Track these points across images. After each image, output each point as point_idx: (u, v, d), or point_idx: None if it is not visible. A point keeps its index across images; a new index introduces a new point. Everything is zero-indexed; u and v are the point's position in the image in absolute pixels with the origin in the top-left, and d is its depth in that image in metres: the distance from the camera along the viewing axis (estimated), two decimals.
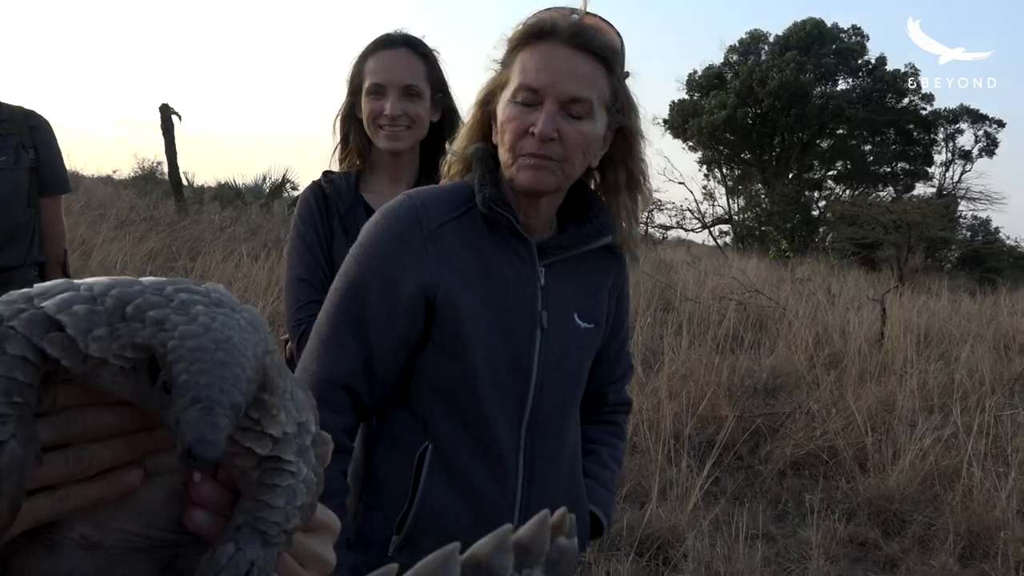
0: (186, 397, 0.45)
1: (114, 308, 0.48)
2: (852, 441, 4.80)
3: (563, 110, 1.24)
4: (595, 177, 1.44)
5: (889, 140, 25.74)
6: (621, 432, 1.54)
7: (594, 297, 1.42)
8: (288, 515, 0.52)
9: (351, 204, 1.87)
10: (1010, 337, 8.63)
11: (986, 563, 3.72)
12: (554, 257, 1.34)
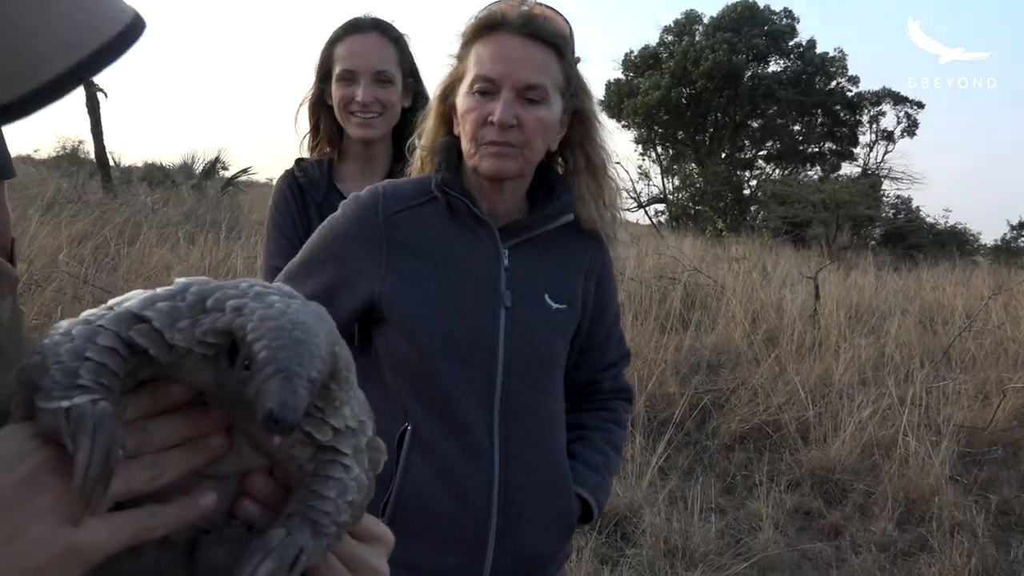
0: (267, 369, 0.48)
1: (195, 302, 0.52)
2: (794, 415, 4.98)
3: (519, 97, 1.30)
4: (558, 162, 1.49)
5: (817, 121, 26.48)
6: (618, 418, 1.55)
7: (566, 277, 1.44)
8: (339, 508, 0.54)
9: (326, 192, 1.84)
10: (933, 311, 9.02)
11: (923, 527, 3.91)
12: (516, 239, 1.39)
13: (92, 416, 0.47)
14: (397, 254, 1.34)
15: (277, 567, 0.51)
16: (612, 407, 1.56)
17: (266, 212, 1.93)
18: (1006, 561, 3.68)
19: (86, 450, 0.46)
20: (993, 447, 4.90)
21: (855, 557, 3.64)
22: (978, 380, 5.83)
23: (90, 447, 0.46)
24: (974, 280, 11.70)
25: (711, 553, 3.38)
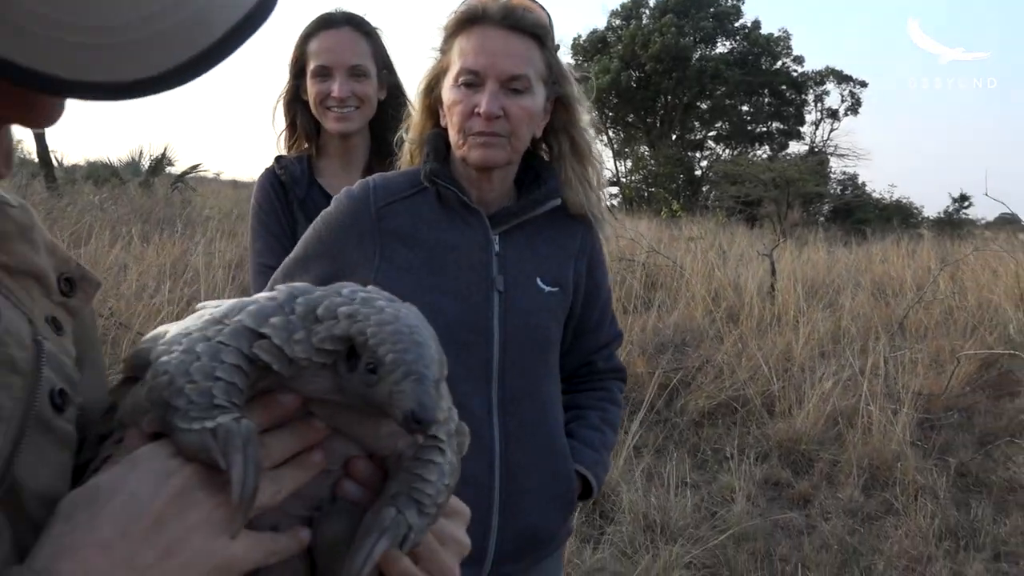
0: (397, 372, 0.52)
1: (305, 313, 0.55)
2: (759, 389, 5.09)
3: (504, 88, 1.33)
4: (543, 148, 1.52)
5: (764, 101, 26.88)
6: (613, 398, 1.58)
7: (556, 261, 1.48)
8: (439, 490, 0.59)
9: (307, 188, 1.84)
10: (884, 283, 9.29)
11: (887, 491, 4.05)
12: (506, 224, 1.42)
13: (239, 434, 0.50)
14: (390, 245, 1.37)
15: (390, 544, 0.55)
16: (607, 387, 1.59)
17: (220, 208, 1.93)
18: (967, 520, 3.83)
19: (240, 465, 0.50)
20: (949, 412, 5.08)
21: (824, 524, 3.75)
22: (931, 349, 6.03)
23: (243, 462, 0.50)
24: (920, 252, 12.05)
25: (689, 526, 3.45)
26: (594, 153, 1.52)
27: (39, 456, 0.51)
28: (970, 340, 6.26)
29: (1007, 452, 4.58)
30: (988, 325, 6.81)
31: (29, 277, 0.57)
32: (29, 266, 0.57)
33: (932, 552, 3.49)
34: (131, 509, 0.48)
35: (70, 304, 0.61)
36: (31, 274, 0.58)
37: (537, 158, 1.50)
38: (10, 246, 0.56)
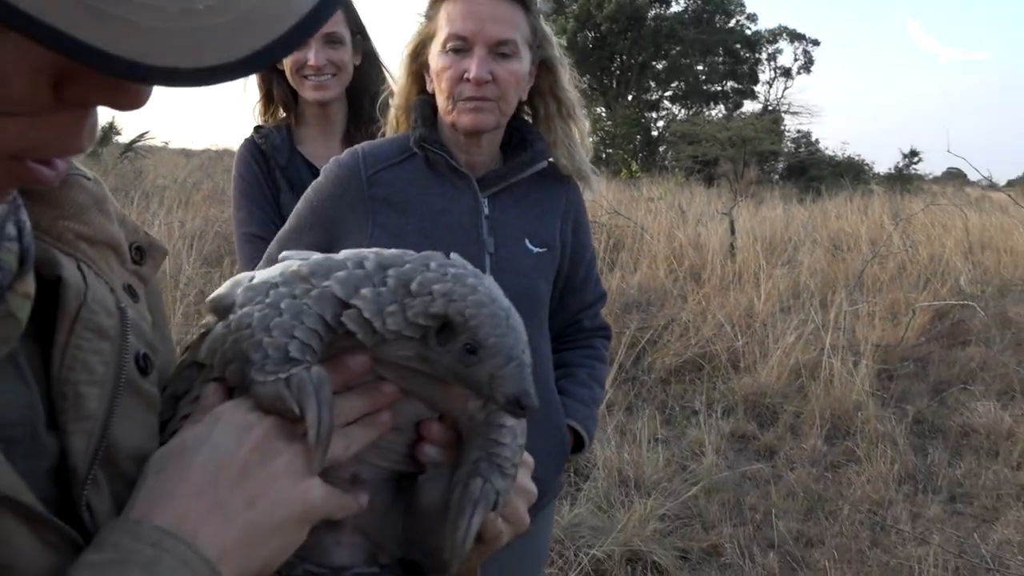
0: (499, 357, 0.55)
1: (397, 287, 0.56)
2: (724, 346, 5.20)
3: (492, 53, 1.35)
4: (527, 111, 1.55)
5: (718, 60, 26.97)
6: (600, 355, 1.63)
7: (544, 222, 1.50)
8: (514, 451, 0.62)
9: (288, 156, 1.84)
10: (839, 239, 9.49)
11: (849, 440, 4.19)
12: (495, 187, 1.45)
13: (311, 381, 0.53)
14: (382, 211, 1.38)
15: (485, 514, 0.59)
16: (593, 344, 1.63)
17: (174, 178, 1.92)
18: (924, 465, 3.99)
19: (314, 408, 0.52)
20: (905, 362, 5.25)
21: (790, 473, 3.88)
22: (887, 302, 6.20)
23: (316, 405, 0.52)
24: (872, 208, 12.32)
25: (662, 480, 3.55)
26: (578, 113, 1.54)
27: (131, 417, 0.54)
28: (923, 292, 6.46)
29: (960, 399, 4.77)
30: (940, 277, 7.03)
31: (107, 247, 0.59)
32: (106, 236, 0.59)
33: (892, 496, 3.64)
34: (217, 459, 0.51)
35: (141, 272, 0.63)
36: (108, 244, 0.59)
37: (521, 121, 1.52)
38: (88, 217, 0.58)
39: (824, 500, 3.59)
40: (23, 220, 0.51)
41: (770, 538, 3.29)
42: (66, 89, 0.39)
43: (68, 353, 0.51)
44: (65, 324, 0.52)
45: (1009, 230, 9.43)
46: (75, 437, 0.49)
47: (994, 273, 7.87)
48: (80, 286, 0.53)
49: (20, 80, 0.37)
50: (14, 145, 0.39)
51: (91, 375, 0.51)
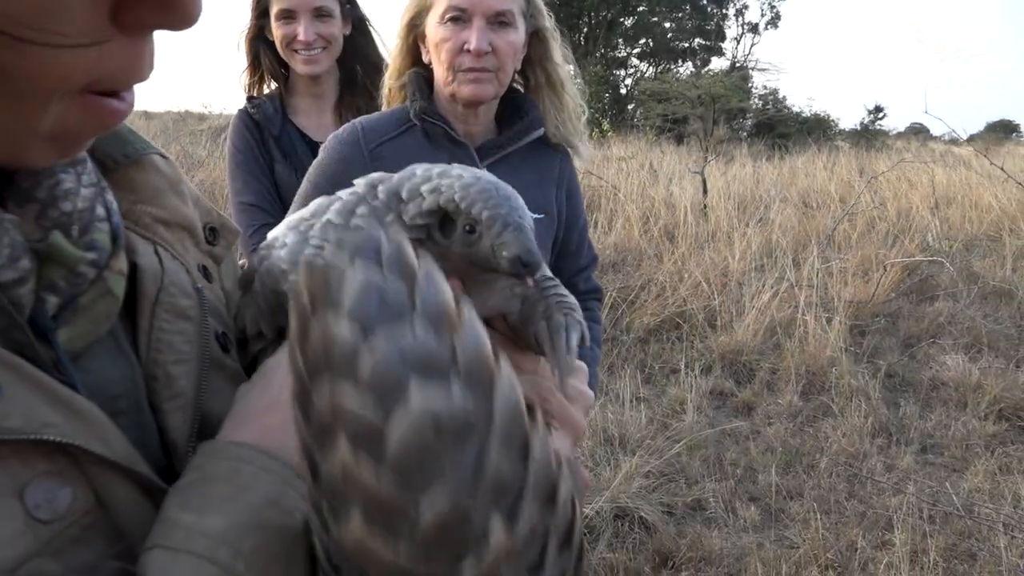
0: (495, 226, 0.55)
1: (389, 198, 0.58)
2: (701, 305, 5.27)
3: (490, 24, 1.37)
4: (518, 80, 1.56)
5: (686, 16, 26.84)
6: (595, 316, 1.67)
7: (540, 189, 1.54)
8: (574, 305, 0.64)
9: (281, 126, 1.83)
10: (809, 196, 9.61)
11: (824, 395, 4.30)
12: (493, 157, 1.47)
13: None
14: None
15: (580, 334, 0.61)
16: (589, 306, 1.67)
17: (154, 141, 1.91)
18: (896, 418, 4.11)
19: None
20: (876, 318, 5.37)
21: (768, 428, 3.97)
22: (857, 259, 6.31)
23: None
24: (839, 164, 12.46)
25: (646, 439, 3.62)
26: (569, 84, 1.57)
27: (219, 391, 0.56)
28: (893, 249, 6.58)
29: (929, 353, 4.90)
30: (909, 233, 7.16)
31: (182, 229, 0.61)
32: (181, 218, 0.60)
33: (867, 449, 3.75)
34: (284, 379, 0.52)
35: (215, 252, 0.64)
36: (183, 226, 0.61)
37: (515, 91, 1.54)
38: (164, 200, 0.59)
39: (802, 454, 3.69)
40: (110, 201, 0.52)
41: (751, 492, 3.38)
42: (123, 15, 0.40)
43: (153, 336, 0.53)
44: (146, 308, 0.53)
45: (974, 185, 9.60)
46: (171, 415, 0.52)
47: (960, 228, 8.03)
48: (156, 270, 0.55)
49: (81, 9, 0.38)
50: (83, 78, 0.40)
51: (177, 355, 0.53)
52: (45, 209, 0.48)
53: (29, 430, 0.41)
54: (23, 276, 0.45)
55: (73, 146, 0.45)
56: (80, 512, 0.43)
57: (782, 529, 3.11)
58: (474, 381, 0.35)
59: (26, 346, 0.45)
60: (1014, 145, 25.77)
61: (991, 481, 3.43)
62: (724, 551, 2.92)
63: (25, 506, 0.41)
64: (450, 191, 0.56)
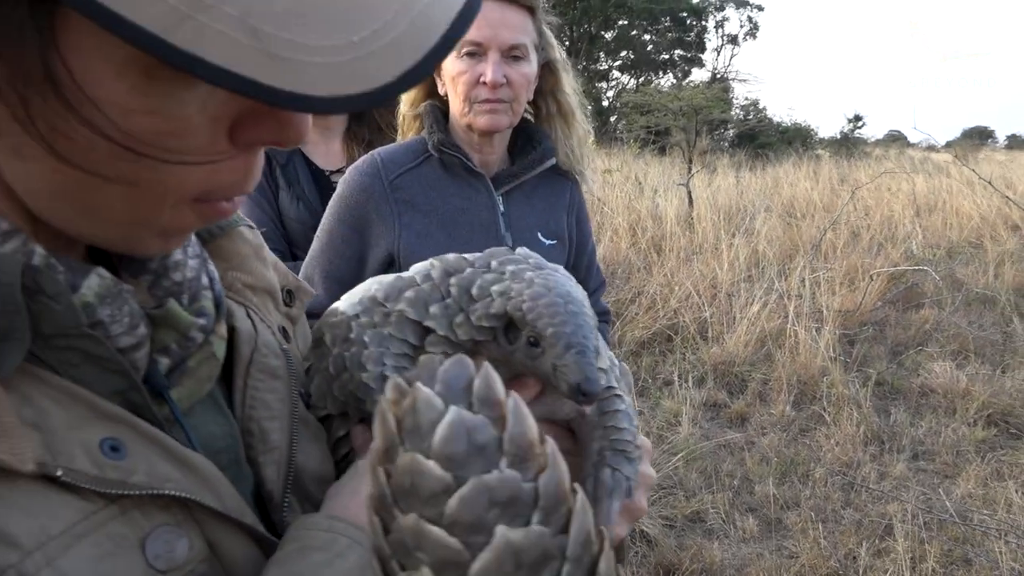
0: (559, 346, 0.55)
1: (460, 294, 0.59)
2: (692, 316, 5.32)
3: (504, 57, 1.42)
4: (529, 110, 1.62)
5: (666, 28, 27.09)
6: (604, 337, 1.70)
7: (553, 216, 1.59)
8: (633, 434, 0.64)
9: (289, 155, 1.85)
10: (793, 205, 9.72)
11: (815, 404, 4.35)
12: (508, 185, 1.52)
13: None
14: (407, 213, 1.44)
15: (621, 503, 0.61)
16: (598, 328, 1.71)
17: None
18: (887, 425, 4.17)
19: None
20: (864, 327, 5.44)
21: (762, 439, 4.02)
22: (844, 268, 6.39)
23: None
24: (821, 173, 12.60)
25: None
26: (579, 115, 1.62)
27: (307, 446, 0.59)
28: (878, 257, 6.67)
29: (916, 360, 4.98)
30: (893, 241, 7.26)
31: (266, 293, 0.64)
32: (265, 283, 0.64)
33: (860, 457, 3.80)
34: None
35: (292, 313, 0.68)
36: (267, 290, 0.64)
37: (526, 121, 1.59)
38: (250, 266, 0.63)
39: (797, 464, 3.74)
40: (211, 270, 0.56)
41: (749, 503, 3.42)
42: (239, 134, 0.43)
43: (247, 394, 0.56)
44: (241, 368, 0.57)
45: (954, 193, 9.75)
46: (266, 467, 0.55)
47: (942, 236, 8.15)
48: (251, 333, 0.58)
49: (202, 130, 0.41)
50: (197, 190, 0.44)
51: (270, 411, 0.57)
52: (158, 279, 0.52)
53: (152, 485, 0.45)
54: (140, 341, 0.49)
55: (181, 239, 0.50)
56: (196, 561, 0.47)
57: (781, 539, 3.15)
58: (553, 516, 0.38)
59: (142, 407, 0.48)
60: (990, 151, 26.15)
61: (983, 487, 3.49)
62: (725, 562, 2.95)
63: (146, 557, 0.44)
64: (519, 299, 0.57)
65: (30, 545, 0.40)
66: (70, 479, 0.42)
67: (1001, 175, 10.83)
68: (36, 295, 0.43)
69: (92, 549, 0.42)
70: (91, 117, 0.38)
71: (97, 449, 0.43)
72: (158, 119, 0.39)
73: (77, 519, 0.42)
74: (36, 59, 0.36)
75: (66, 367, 0.45)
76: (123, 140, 0.39)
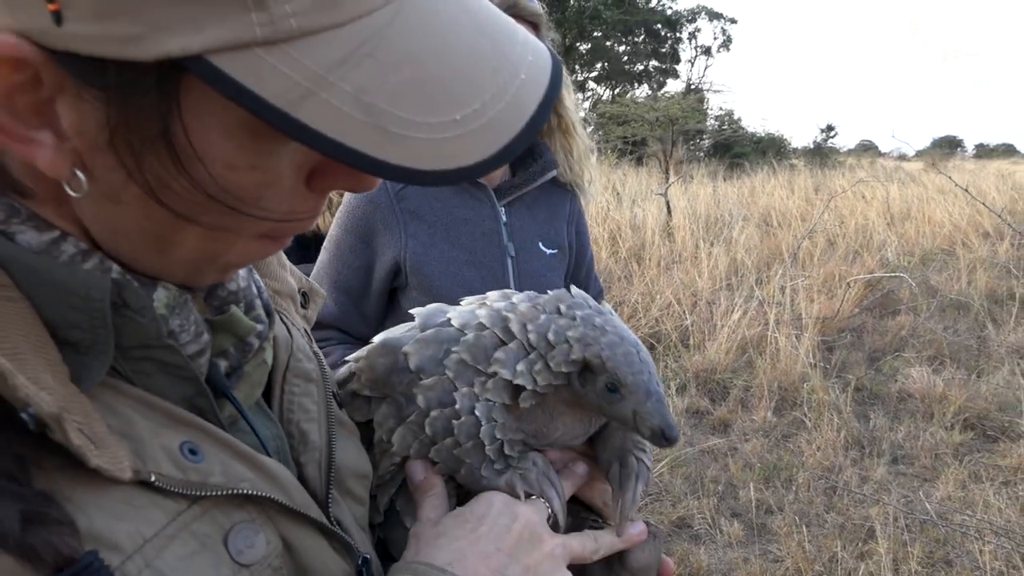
0: (639, 393, 0.61)
1: (538, 341, 0.63)
2: (673, 325, 5.37)
3: None
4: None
5: (640, 40, 27.36)
6: None
7: (554, 226, 1.63)
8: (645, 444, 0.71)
9: None
10: (769, 215, 9.83)
11: (796, 410, 4.41)
12: (509, 197, 1.56)
13: (542, 471, 0.62)
14: (412, 223, 1.48)
15: (646, 484, 0.67)
16: None
17: None
18: (867, 430, 4.23)
19: (557, 496, 0.62)
20: (842, 333, 5.52)
21: (745, 445, 4.06)
22: (821, 276, 6.48)
23: (556, 492, 0.63)
24: (796, 183, 12.76)
25: None
26: (579, 129, 1.65)
27: (344, 444, 0.61)
28: (854, 265, 6.77)
29: (894, 365, 5.05)
30: (869, 249, 7.37)
31: (289, 297, 0.66)
32: (288, 288, 0.66)
33: (841, 461, 3.85)
34: (499, 532, 0.59)
35: (308, 316, 0.69)
36: (289, 295, 0.66)
37: None
38: (275, 271, 0.64)
39: (779, 469, 3.78)
40: (258, 280, 0.57)
41: (733, 508, 3.46)
42: (316, 181, 0.45)
43: (285, 398, 0.58)
44: (279, 373, 0.59)
45: (927, 200, 9.92)
46: (308, 467, 0.57)
47: (915, 243, 8.28)
48: (287, 339, 0.60)
49: (289, 180, 0.43)
50: (268, 227, 0.46)
51: (307, 414, 0.59)
52: (213, 289, 0.54)
53: (229, 485, 0.47)
54: (204, 348, 0.51)
55: (236, 271, 0.53)
56: (273, 555, 0.49)
57: (766, 543, 3.18)
58: None
59: (208, 411, 0.50)
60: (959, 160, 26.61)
61: (962, 489, 3.55)
62: (712, 567, 2.98)
63: (229, 552, 0.46)
64: (596, 346, 0.61)
65: (129, 548, 0.41)
66: (161, 484, 0.44)
67: (972, 183, 11.02)
68: (121, 309, 0.45)
69: (182, 548, 0.44)
70: (196, 172, 0.40)
71: (179, 453, 0.46)
72: (258, 173, 0.41)
73: (167, 521, 0.44)
74: (156, 117, 0.38)
75: (140, 376, 0.47)
76: (220, 196, 0.41)
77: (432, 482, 0.64)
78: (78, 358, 0.43)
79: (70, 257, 0.44)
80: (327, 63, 0.36)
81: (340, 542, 0.54)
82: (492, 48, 0.42)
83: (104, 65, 0.36)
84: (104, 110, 0.38)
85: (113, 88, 0.37)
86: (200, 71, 0.35)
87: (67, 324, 0.43)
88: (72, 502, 0.40)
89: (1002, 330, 5.58)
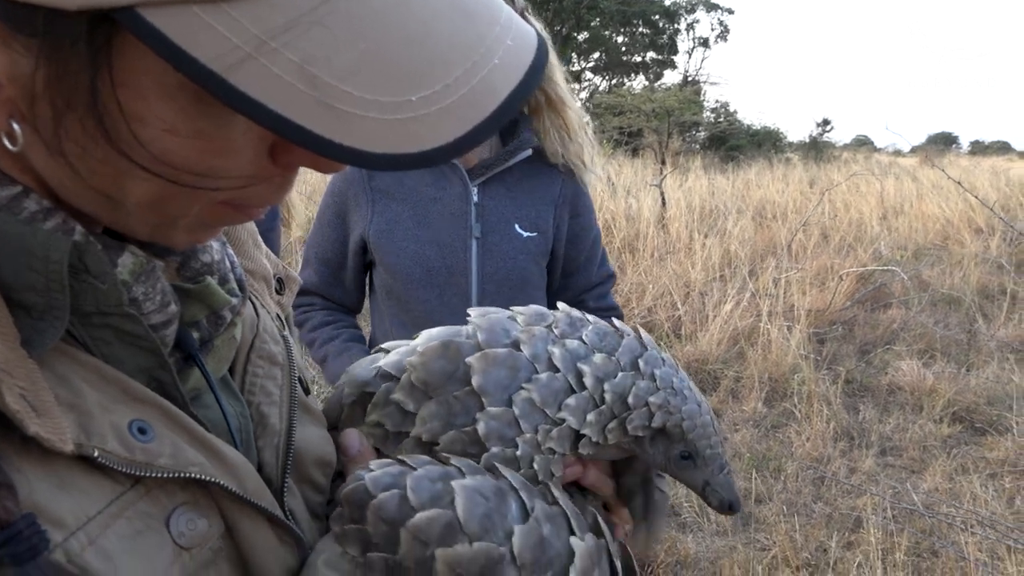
0: (714, 466, 0.64)
1: (614, 402, 0.62)
2: (666, 315, 5.38)
3: None
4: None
5: (638, 31, 27.28)
6: None
7: (534, 208, 1.58)
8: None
9: None
10: (764, 207, 9.84)
11: (786, 401, 4.43)
12: (483, 176, 1.54)
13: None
14: (381, 201, 1.53)
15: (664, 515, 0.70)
16: None
17: None
18: (856, 421, 4.25)
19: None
20: (833, 326, 5.54)
21: (735, 435, 4.08)
22: (814, 269, 6.50)
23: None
24: (791, 176, 12.78)
25: None
26: (569, 102, 1.59)
27: (307, 430, 0.59)
28: (847, 258, 6.79)
29: (884, 358, 5.08)
30: (862, 242, 7.39)
31: (263, 279, 0.64)
32: (262, 269, 0.64)
33: (830, 452, 3.88)
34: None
35: (283, 302, 0.67)
36: (263, 276, 0.64)
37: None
38: (249, 251, 0.63)
39: (768, 459, 3.80)
40: (231, 255, 0.56)
41: None
42: (281, 155, 0.43)
43: (247, 379, 0.56)
44: (243, 353, 0.57)
45: (921, 195, 9.95)
46: (266, 451, 0.55)
47: (908, 238, 8.31)
48: (253, 318, 0.59)
49: (246, 151, 0.42)
50: (231, 196, 0.44)
51: (269, 396, 0.57)
52: (187, 260, 0.52)
53: (178, 468, 0.45)
54: (170, 319, 0.49)
55: (210, 234, 0.49)
56: (214, 538, 0.47)
57: (754, 532, 3.20)
58: None
59: (169, 384, 0.48)
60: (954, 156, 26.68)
61: (949, 481, 3.57)
62: (699, 555, 3.00)
63: (171, 533, 0.45)
64: (678, 415, 0.62)
65: (73, 524, 0.40)
66: (104, 460, 0.42)
67: (965, 179, 11.05)
68: (80, 273, 0.43)
69: (127, 528, 0.43)
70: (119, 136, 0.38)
71: (127, 431, 0.44)
72: (203, 141, 0.39)
73: (111, 499, 0.43)
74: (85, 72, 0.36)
75: (98, 344, 0.46)
76: (149, 164, 0.39)
77: (367, 457, 0.61)
78: (31, 322, 0.41)
79: (31, 215, 0.42)
80: (270, 27, 0.34)
81: (290, 533, 0.52)
82: (465, 27, 0.39)
83: (34, 12, 0.34)
84: (34, 61, 0.36)
85: (41, 37, 0.35)
86: (130, 24, 0.33)
87: (22, 286, 0.41)
88: (20, 471, 0.39)
89: (992, 325, 5.61)
